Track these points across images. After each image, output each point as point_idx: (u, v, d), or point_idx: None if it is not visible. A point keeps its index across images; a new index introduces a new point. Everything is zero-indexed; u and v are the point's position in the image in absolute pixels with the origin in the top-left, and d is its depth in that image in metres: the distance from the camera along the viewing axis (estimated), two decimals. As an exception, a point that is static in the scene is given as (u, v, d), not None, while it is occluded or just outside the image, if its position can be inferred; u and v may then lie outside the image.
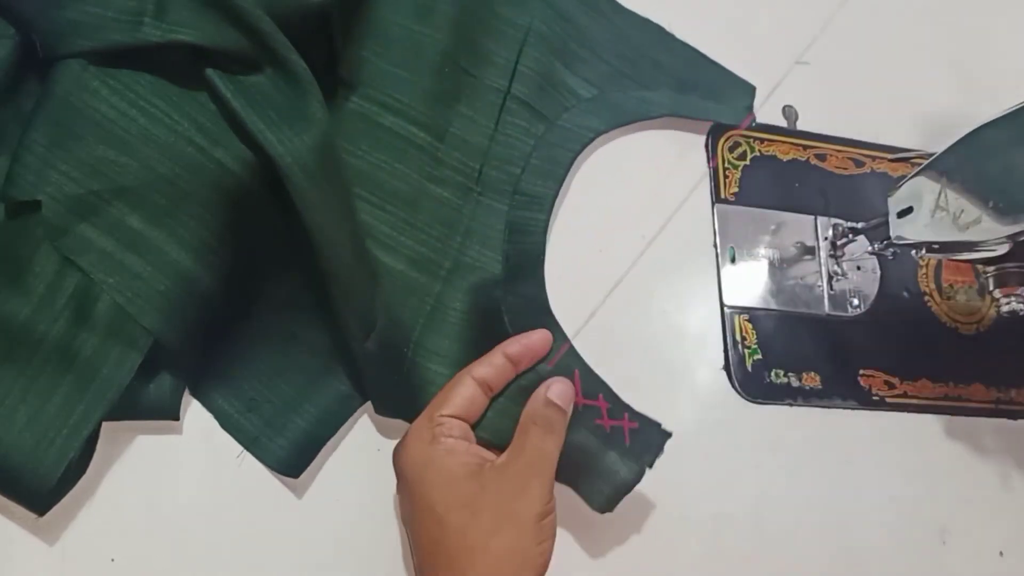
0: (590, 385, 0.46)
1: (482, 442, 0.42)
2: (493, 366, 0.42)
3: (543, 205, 0.50)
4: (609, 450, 0.45)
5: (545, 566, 0.39)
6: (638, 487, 0.45)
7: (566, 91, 0.53)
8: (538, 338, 0.44)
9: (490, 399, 0.42)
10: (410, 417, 0.44)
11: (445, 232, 0.48)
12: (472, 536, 0.38)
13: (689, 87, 0.58)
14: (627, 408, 0.46)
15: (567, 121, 0.53)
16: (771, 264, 0.57)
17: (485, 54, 0.51)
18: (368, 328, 0.43)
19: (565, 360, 0.46)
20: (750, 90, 0.59)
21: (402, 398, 0.45)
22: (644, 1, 0.58)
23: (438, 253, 0.47)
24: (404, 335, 0.46)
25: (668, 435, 0.46)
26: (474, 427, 0.42)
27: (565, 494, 0.45)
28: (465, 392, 0.41)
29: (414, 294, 0.46)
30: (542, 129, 0.51)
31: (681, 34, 0.59)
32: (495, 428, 0.42)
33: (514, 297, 0.48)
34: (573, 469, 0.44)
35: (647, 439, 0.45)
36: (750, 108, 0.59)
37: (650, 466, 0.45)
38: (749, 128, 0.59)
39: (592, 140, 0.52)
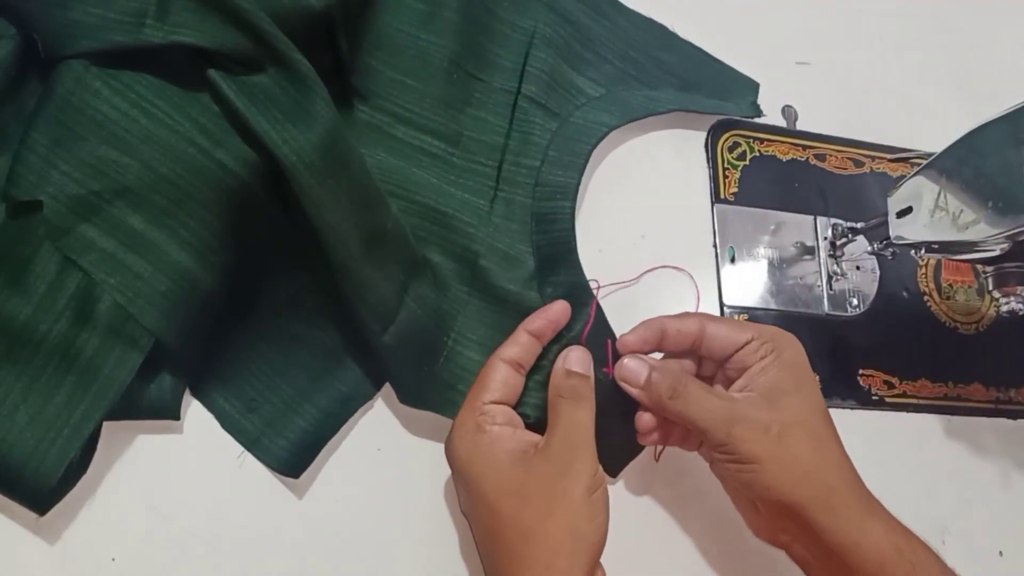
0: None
1: (530, 424, 0.42)
2: (519, 344, 0.43)
3: (567, 193, 0.50)
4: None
5: (602, 543, 0.39)
6: (638, 487, 0.45)
7: (575, 91, 0.54)
8: (557, 309, 0.44)
9: (525, 377, 0.43)
10: (441, 408, 0.45)
11: (474, 222, 0.48)
12: (525, 522, 0.38)
13: (693, 86, 0.58)
14: None
15: (579, 117, 0.53)
16: (771, 264, 0.57)
17: (491, 58, 0.51)
18: (386, 323, 0.43)
19: (597, 330, 0.46)
20: (754, 87, 0.60)
21: (435, 388, 0.45)
22: (645, 2, 0.59)
23: (470, 240, 0.47)
24: (446, 324, 0.46)
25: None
26: (516, 407, 0.42)
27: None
28: (498, 375, 0.42)
29: (452, 283, 0.47)
30: (555, 125, 0.52)
31: (681, 34, 0.59)
32: (541, 405, 0.43)
33: (553, 288, 0.48)
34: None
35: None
36: (755, 103, 0.59)
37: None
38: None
39: (605, 135, 0.53)
